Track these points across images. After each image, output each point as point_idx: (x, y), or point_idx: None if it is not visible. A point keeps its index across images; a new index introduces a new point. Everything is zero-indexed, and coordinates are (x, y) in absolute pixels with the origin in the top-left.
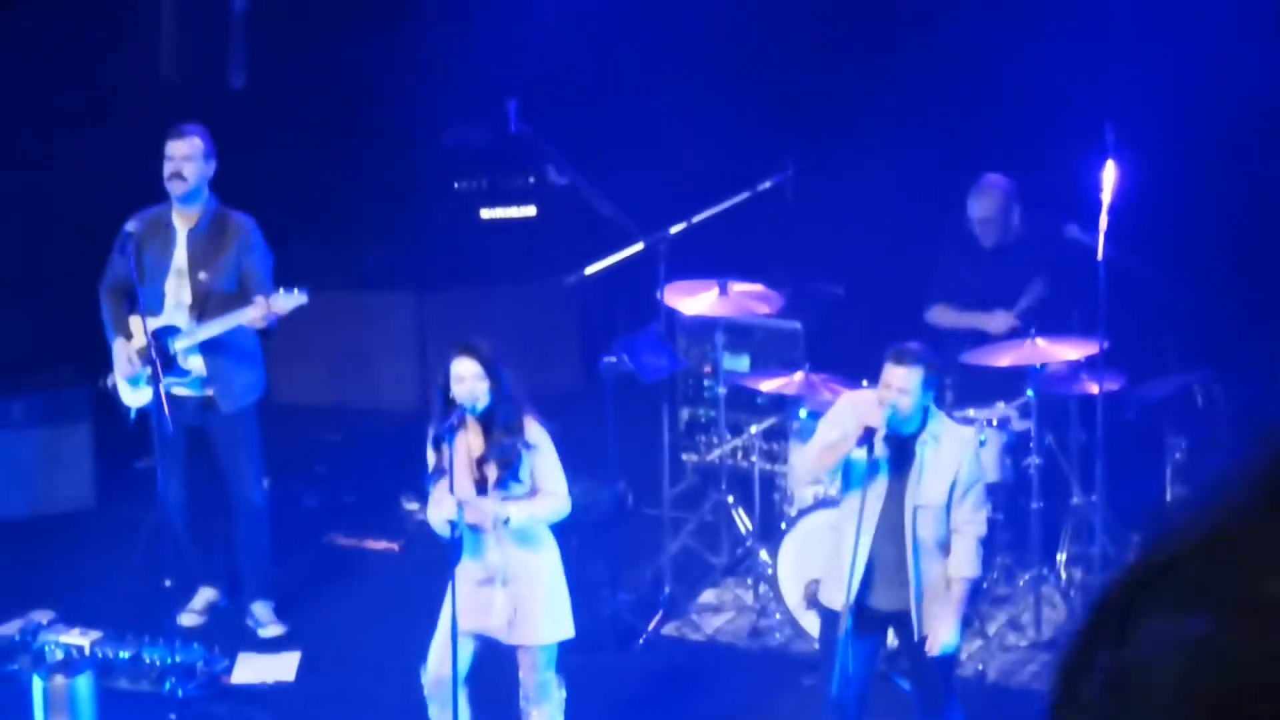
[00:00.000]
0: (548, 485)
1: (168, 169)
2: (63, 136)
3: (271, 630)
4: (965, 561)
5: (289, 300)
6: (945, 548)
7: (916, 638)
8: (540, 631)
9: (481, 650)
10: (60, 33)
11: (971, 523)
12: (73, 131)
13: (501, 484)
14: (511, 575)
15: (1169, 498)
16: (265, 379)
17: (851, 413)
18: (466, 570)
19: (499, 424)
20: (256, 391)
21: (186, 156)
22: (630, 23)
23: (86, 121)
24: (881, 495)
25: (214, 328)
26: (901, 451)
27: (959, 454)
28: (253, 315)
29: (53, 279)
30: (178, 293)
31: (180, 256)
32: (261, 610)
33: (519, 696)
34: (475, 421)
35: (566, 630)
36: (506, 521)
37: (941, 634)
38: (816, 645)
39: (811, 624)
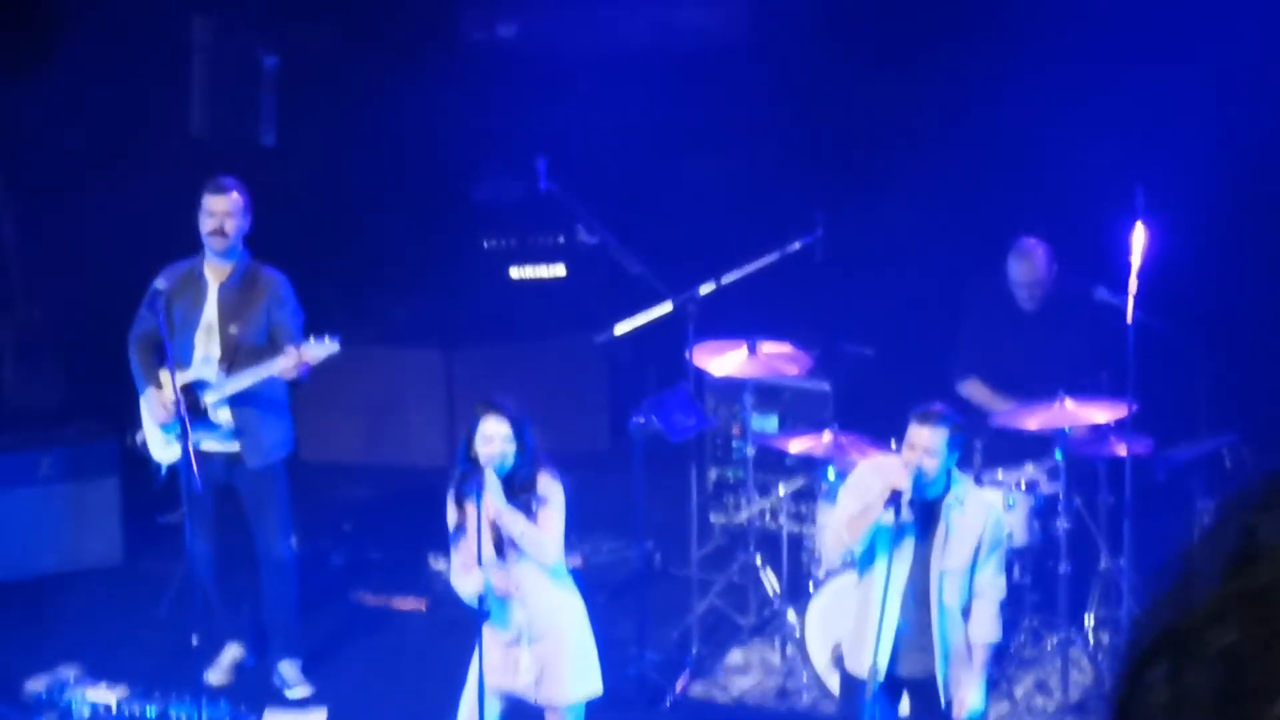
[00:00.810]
0: (543, 528)
1: (208, 224)
2: (93, 191)
3: (299, 691)
4: (987, 627)
5: (320, 349)
6: (967, 612)
7: (943, 703)
8: (567, 690)
9: (509, 710)
10: (92, 89)
11: (993, 587)
12: (103, 186)
13: (518, 543)
14: (537, 634)
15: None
16: (294, 434)
17: (873, 477)
18: (493, 633)
19: (517, 483)
20: (286, 448)
21: (228, 213)
22: (661, 82)
23: (117, 176)
24: (908, 560)
25: (244, 379)
26: (927, 515)
27: (984, 518)
28: (284, 365)
29: (80, 333)
30: (207, 346)
31: (211, 310)
32: (289, 670)
33: None
34: (494, 479)
35: (595, 688)
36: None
37: (968, 699)
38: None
39: (838, 686)
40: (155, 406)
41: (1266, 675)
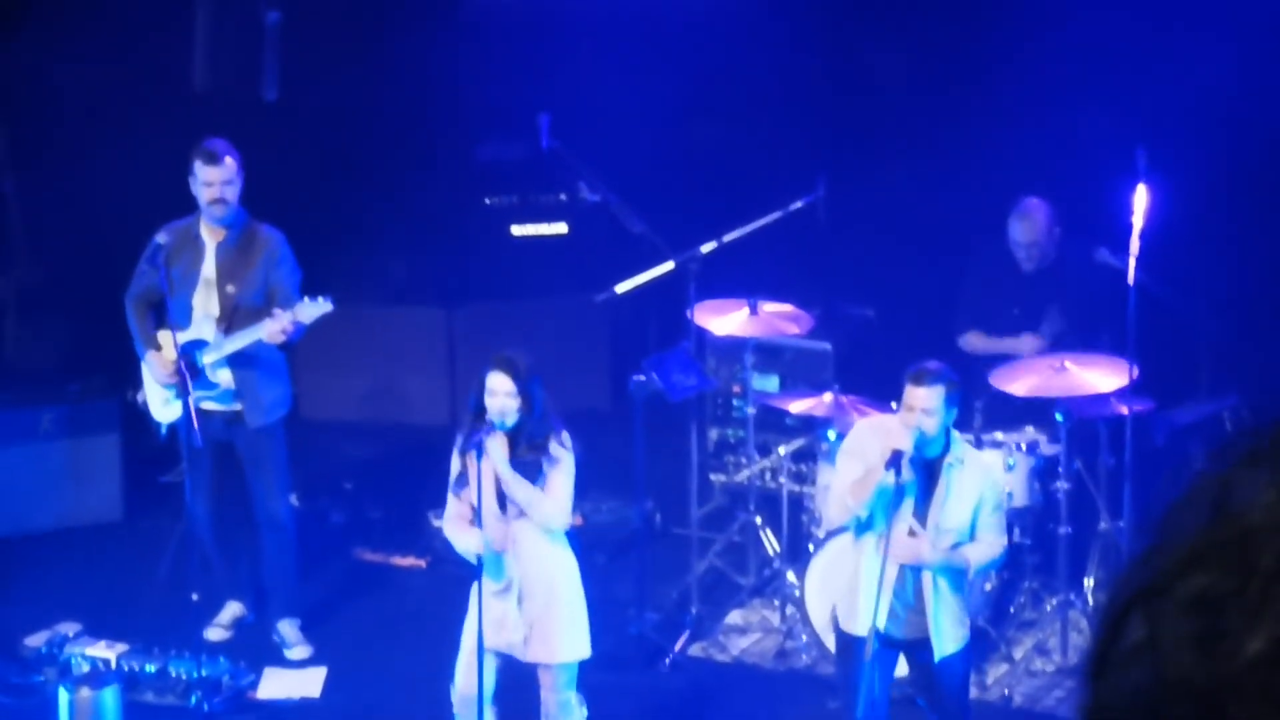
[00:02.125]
0: (550, 494)
1: (207, 194)
2: (95, 148)
3: (298, 651)
4: (976, 551)
5: (314, 309)
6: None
7: (936, 660)
8: (557, 650)
9: (504, 668)
10: (91, 45)
11: (992, 545)
12: (105, 143)
13: (524, 509)
14: (529, 591)
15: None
16: (292, 393)
17: (872, 439)
18: (484, 585)
19: (524, 441)
20: (284, 407)
21: (226, 181)
22: (664, 40)
23: (119, 133)
24: (906, 519)
25: (240, 340)
26: (927, 474)
27: (983, 478)
28: (274, 328)
29: (82, 290)
30: (206, 305)
31: (209, 269)
32: (288, 629)
33: (539, 715)
34: (502, 436)
35: (583, 650)
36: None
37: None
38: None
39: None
40: (156, 368)
41: (1241, 615)
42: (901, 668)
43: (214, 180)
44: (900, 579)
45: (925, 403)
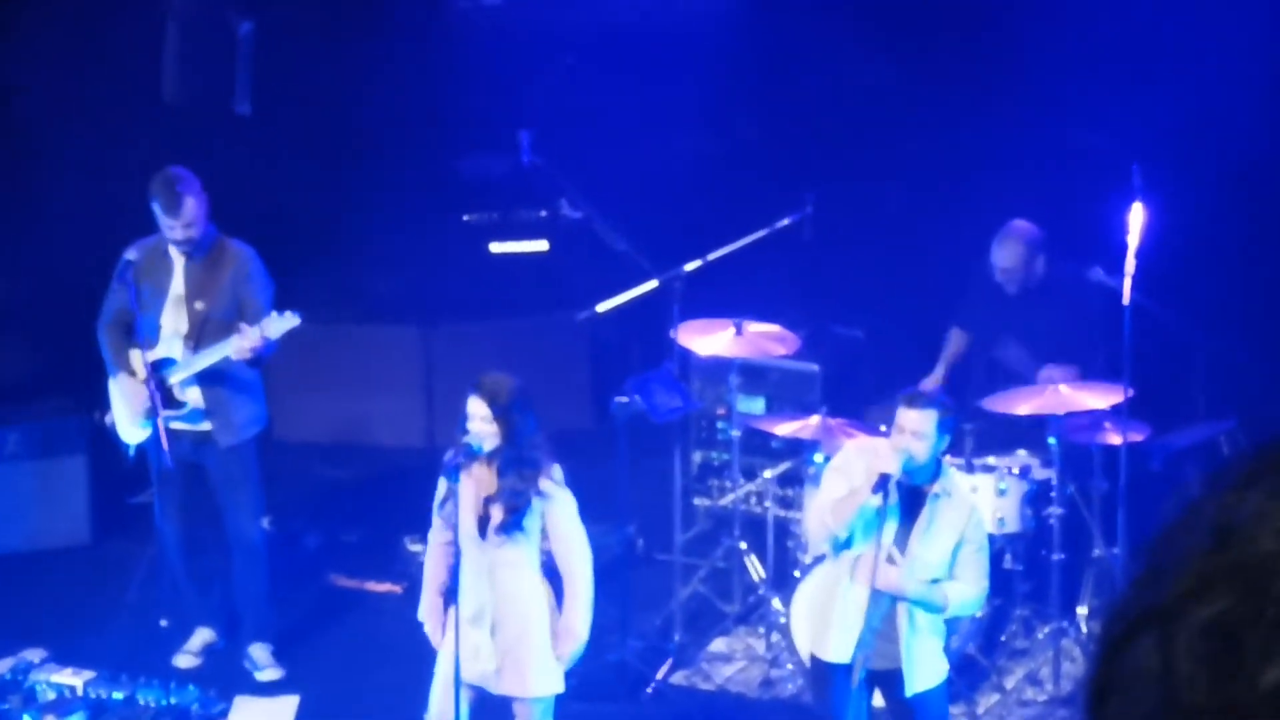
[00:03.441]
0: (562, 550)
1: (169, 235)
2: (61, 161)
3: (269, 674)
4: (954, 589)
5: (281, 323)
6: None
7: (909, 694)
8: (530, 684)
9: (478, 704)
10: (59, 56)
11: (971, 586)
12: (72, 157)
13: (504, 529)
14: (500, 622)
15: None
16: (266, 412)
17: (859, 460)
18: (455, 610)
19: (510, 469)
20: (258, 425)
21: (188, 224)
22: (648, 54)
23: (86, 146)
24: (885, 546)
25: (208, 358)
26: (911, 502)
27: (968, 516)
28: (242, 344)
29: (49, 308)
30: (174, 323)
31: (178, 285)
32: (259, 653)
33: None
34: (487, 461)
35: (557, 684)
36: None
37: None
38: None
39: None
40: (128, 393)
41: (1259, 642)
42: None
43: (174, 226)
44: (873, 604)
45: (916, 425)
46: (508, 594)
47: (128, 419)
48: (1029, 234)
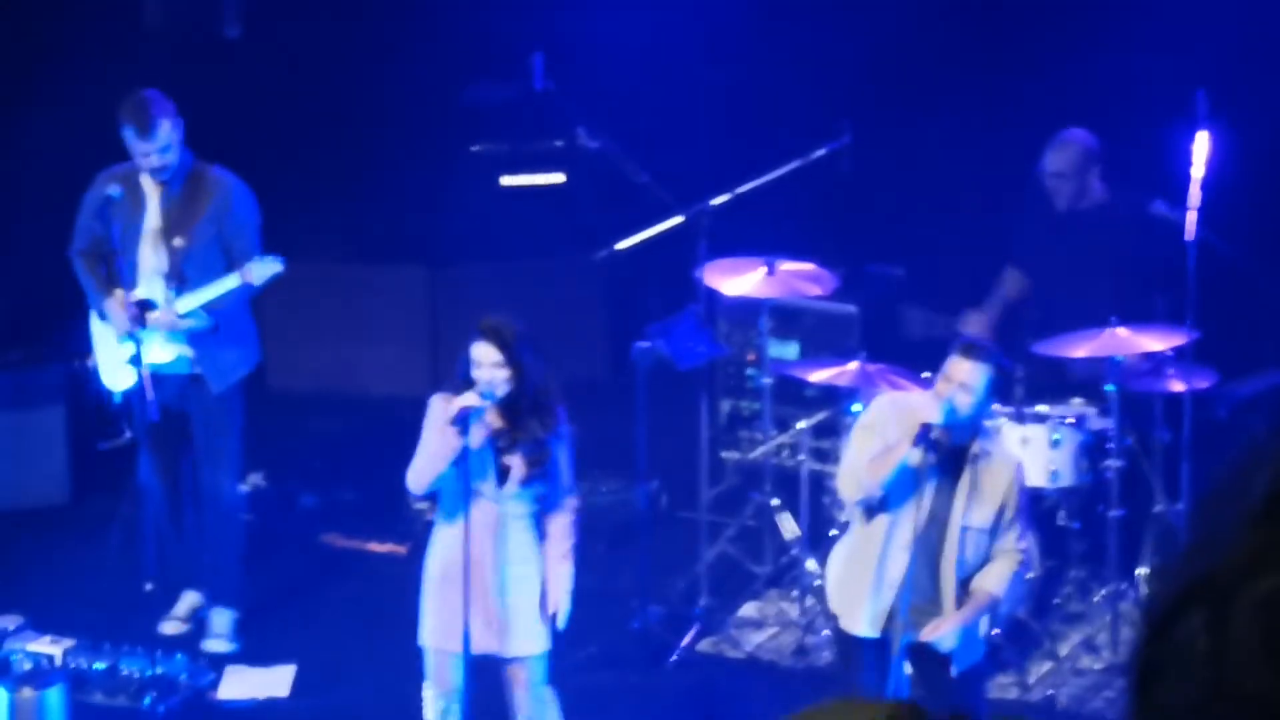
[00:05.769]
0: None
1: (143, 163)
2: (35, 92)
3: (218, 645)
4: (995, 579)
5: (262, 269)
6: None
7: (955, 673)
8: (524, 641)
9: (473, 665)
10: None
11: (1015, 551)
12: (47, 89)
13: (527, 484)
14: (509, 580)
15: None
16: (259, 353)
17: (892, 416)
18: (447, 550)
19: (528, 415)
20: (249, 364)
21: (163, 149)
22: None
23: (61, 76)
24: (925, 511)
25: (195, 298)
26: (951, 464)
27: (1009, 476)
28: (228, 286)
29: (22, 248)
30: (153, 261)
31: (153, 220)
32: (220, 619)
33: (513, 714)
34: (497, 408)
35: (545, 643)
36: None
37: (939, 632)
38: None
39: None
40: (116, 316)
41: None
42: None
43: (149, 152)
44: (914, 574)
45: (967, 377)
46: (515, 550)
47: (112, 362)
48: (1085, 139)
